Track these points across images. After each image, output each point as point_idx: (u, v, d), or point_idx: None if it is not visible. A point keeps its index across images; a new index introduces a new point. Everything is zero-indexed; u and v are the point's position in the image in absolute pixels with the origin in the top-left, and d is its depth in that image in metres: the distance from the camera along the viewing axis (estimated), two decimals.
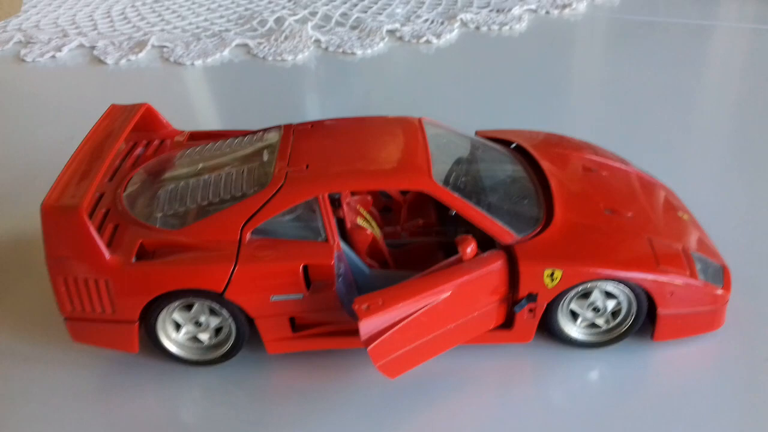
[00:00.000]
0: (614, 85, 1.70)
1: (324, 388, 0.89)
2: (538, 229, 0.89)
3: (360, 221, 0.95)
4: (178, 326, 0.90)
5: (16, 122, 1.63)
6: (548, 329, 0.91)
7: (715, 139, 1.46)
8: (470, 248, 0.84)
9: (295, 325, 0.89)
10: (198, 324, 0.89)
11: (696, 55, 1.87)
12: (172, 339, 0.90)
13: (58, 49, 1.96)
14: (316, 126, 0.99)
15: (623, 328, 0.91)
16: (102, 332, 0.88)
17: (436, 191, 0.87)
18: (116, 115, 1.02)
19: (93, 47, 1.98)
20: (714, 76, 1.78)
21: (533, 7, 2.14)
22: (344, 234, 0.93)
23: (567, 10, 2.14)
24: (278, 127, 1.01)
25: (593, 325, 0.91)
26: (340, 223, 0.93)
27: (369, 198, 1.02)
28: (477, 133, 1.10)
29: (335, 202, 0.94)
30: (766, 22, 2.06)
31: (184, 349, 0.91)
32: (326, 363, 0.92)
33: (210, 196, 0.91)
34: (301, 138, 0.96)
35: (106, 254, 0.84)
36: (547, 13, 2.13)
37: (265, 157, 0.94)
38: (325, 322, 0.89)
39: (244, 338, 0.90)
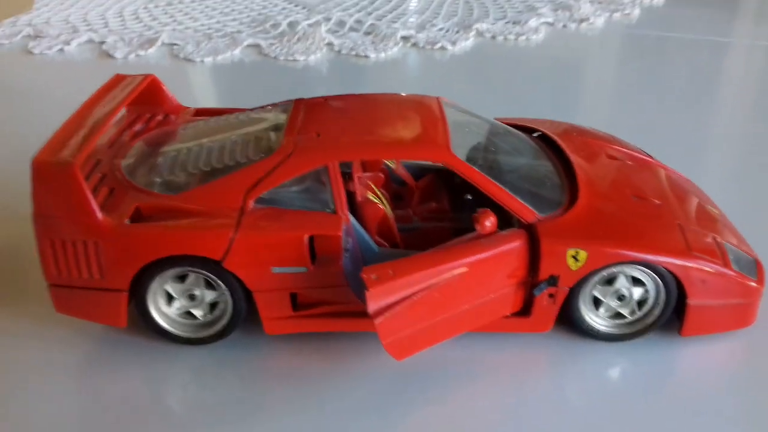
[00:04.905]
0: (628, 100, 1.66)
1: (325, 374, 0.83)
2: (562, 210, 0.83)
3: (371, 196, 0.89)
4: (170, 299, 0.84)
5: (19, 113, 1.59)
6: (568, 319, 0.85)
7: (729, 155, 1.41)
8: (489, 221, 0.78)
9: (297, 303, 0.83)
10: (192, 298, 0.83)
11: (711, 71, 1.84)
12: (163, 313, 0.84)
13: (67, 42, 1.93)
14: (329, 99, 0.95)
15: (649, 320, 0.84)
16: (88, 302, 0.82)
17: (456, 164, 0.82)
18: (120, 83, 0.98)
19: (102, 42, 1.95)
20: (729, 92, 1.75)
21: (550, 20, 2.11)
22: (354, 211, 0.87)
23: (584, 24, 2.11)
24: (289, 101, 0.96)
25: (617, 315, 0.85)
26: (350, 198, 0.87)
27: (381, 176, 0.96)
28: (496, 119, 1.05)
29: (346, 176, 0.88)
30: None
31: (176, 324, 0.85)
32: (329, 347, 0.86)
33: (213, 161, 0.86)
34: (312, 110, 0.91)
35: (98, 214, 0.78)
36: (564, 26, 2.10)
37: (275, 125, 0.89)
38: (329, 301, 0.83)
39: (240, 315, 0.84)
